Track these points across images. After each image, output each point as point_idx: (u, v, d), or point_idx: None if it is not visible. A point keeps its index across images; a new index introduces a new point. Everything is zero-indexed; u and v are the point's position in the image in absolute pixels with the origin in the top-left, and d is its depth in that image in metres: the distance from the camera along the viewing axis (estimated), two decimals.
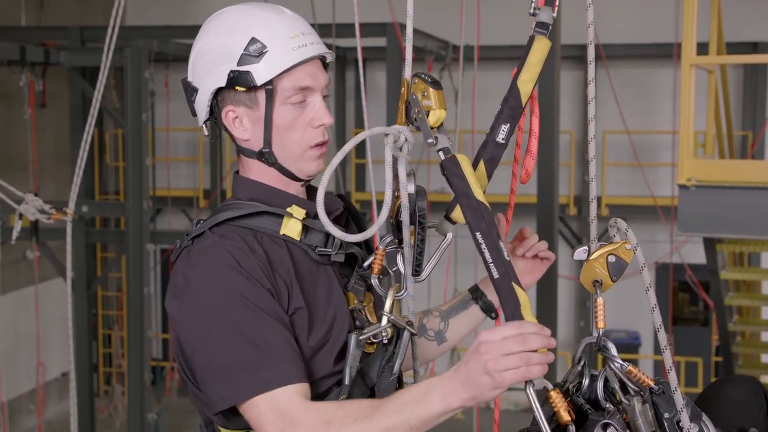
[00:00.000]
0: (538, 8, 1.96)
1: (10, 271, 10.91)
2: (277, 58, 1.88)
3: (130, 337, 8.61)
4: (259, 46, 1.88)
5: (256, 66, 1.87)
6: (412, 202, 1.89)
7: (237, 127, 1.94)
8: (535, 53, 1.95)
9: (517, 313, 1.72)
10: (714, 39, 6.18)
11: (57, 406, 12.01)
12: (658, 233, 12.15)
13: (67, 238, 5.90)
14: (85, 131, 5.84)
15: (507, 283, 1.74)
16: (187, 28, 12.19)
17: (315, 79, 1.93)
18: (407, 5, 1.98)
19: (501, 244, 1.78)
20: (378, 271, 1.95)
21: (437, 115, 1.88)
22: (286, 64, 1.88)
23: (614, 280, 1.94)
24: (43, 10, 11.84)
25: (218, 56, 1.90)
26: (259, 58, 1.87)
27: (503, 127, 1.92)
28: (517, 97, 1.93)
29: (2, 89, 10.98)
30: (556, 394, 1.74)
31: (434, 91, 1.87)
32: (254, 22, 1.91)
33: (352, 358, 1.87)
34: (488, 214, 1.82)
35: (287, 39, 1.90)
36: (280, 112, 1.90)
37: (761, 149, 11.78)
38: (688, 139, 5.39)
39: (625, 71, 12.30)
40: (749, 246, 6.75)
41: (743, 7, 11.02)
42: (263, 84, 1.88)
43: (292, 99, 1.90)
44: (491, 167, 1.95)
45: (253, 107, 1.91)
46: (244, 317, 1.78)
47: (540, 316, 7.33)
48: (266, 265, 1.84)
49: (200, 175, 13.12)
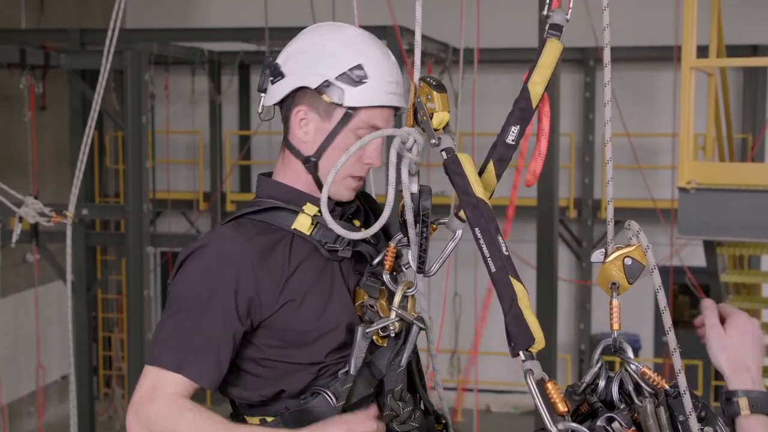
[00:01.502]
0: (552, 10, 1.98)
1: (10, 273, 10.90)
2: (371, 93, 2.01)
3: (130, 339, 8.61)
4: (362, 73, 2.00)
5: (350, 89, 1.99)
6: (416, 202, 1.95)
7: (301, 127, 2.05)
8: (546, 56, 1.99)
9: (514, 306, 1.76)
10: (714, 42, 6.18)
11: (57, 408, 12.00)
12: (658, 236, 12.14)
13: (67, 240, 5.90)
14: (85, 134, 5.84)
15: (504, 276, 1.78)
16: (187, 30, 12.22)
17: (386, 124, 2.05)
18: (416, 12, 2.01)
19: (500, 239, 1.82)
20: (389, 268, 2.03)
21: (440, 117, 1.93)
22: (375, 102, 2.01)
23: (631, 282, 1.94)
24: (43, 13, 11.85)
25: (322, 60, 2.01)
26: (357, 84, 2.00)
27: (513, 129, 1.98)
28: (527, 99, 1.98)
29: (2, 92, 10.98)
30: (552, 386, 1.76)
31: (438, 94, 1.92)
32: (367, 51, 2.04)
33: (358, 349, 1.97)
34: (487, 210, 1.86)
35: (385, 82, 2.03)
36: (346, 136, 2.02)
37: (761, 152, 11.78)
38: (688, 141, 5.39)
39: (625, 74, 12.30)
40: (749, 249, 6.75)
41: (743, 9, 11.03)
42: (348, 107, 2.00)
43: (360, 131, 2.02)
44: (500, 168, 2.01)
45: (325, 118, 2.03)
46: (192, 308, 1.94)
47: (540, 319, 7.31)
48: (255, 266, 1.95)
49: (200, 177, 13.12)
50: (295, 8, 9.14)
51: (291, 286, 1.97)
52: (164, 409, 1.88)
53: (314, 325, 1.98)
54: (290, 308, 1.97)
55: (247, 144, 13.22)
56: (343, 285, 2.03)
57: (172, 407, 1.88)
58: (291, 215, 2.03)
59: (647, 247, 1.91)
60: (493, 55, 11.47)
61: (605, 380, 1.93)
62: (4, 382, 9.98)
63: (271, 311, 1.97)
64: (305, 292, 1.98)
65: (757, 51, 11.44)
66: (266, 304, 1.97)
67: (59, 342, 11.01)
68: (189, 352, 1.92)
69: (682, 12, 5.49)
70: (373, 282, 2.05)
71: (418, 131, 1.96)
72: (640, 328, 12.65)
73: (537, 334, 1.76)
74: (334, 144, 2.02)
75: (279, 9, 9.61)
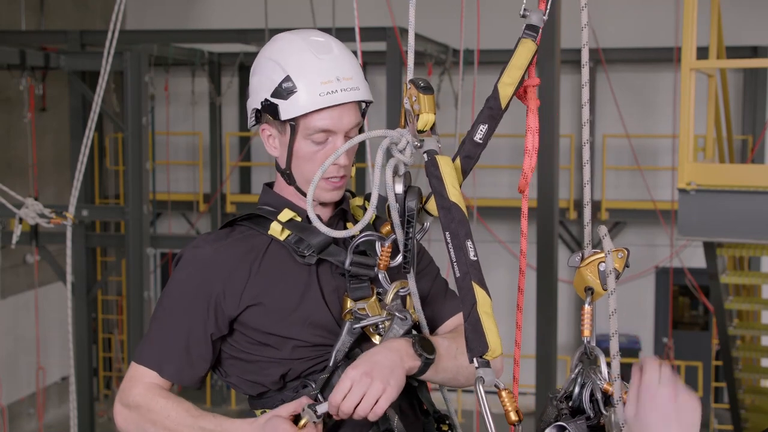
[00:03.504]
0: (528, 11, 1.95)
1: (10, 275, 10.90)
2: (302, 100, 2.05)
3: (130, 341, 8.61)
4: (290, 85, 2.06)
5: (283, 102, 2.06)
6: (401, 202, 1.95)
7: (269, 144, 2.17)
8: (518, 57, 1.96)
9: (473, 312, 1.76)
10: (714, 43, 6.18)
11: (57, 410, 12.00)
12: (658, 237, 12.16)
13: (67, 242, 5.90)
14: (85, 135, 5.84)
15: (467, 282, 1.79)
16: (187, 32, 12.21)
17: (338, 122, 2.07)
18: (409, 14, 1.99)
19: (468, 243, 1.82)
20: (384, 267, 2.07)
21: (425, 119, 1.90)
22: (308, 109, 2.05)
23: (605, 288, 1.90)
24: (43, 15, 11.85)
25: (261, 81, 2.12)
26: (288, 96, 2.06)
27: (482, 127, 1.96)
28: (497, 99, 1.96)
29: (2, 93, 10.98)
30: (507, 394, 1.76)
31: (423, 96, 1.90)
32: (294, 60, 2.07)
33: (341, 343, 2.04)
34: (459, 213, 1.86)
35: (318, 84, 2.05)
36: (301, 144, 2.09)
37: (761, 153, 11.78)
38: (688, 143, 5.39)
39: (625, 75, 12.31)
40: (749, 250, 6.75)
41: (743, 11, 11.03)
42: (286, 120, 2.07)
43: (314, 137, 2.07)
44: (467, 164, 1.98)
45: (282, 132, 2.12)
46: (172, 308, 2.13)
47: (540, 320, 7.33)
48: (223, 270, 2.10)
49: (200, 179, 13.12)
50: (295, 9, 9.15)
51: (256, 288, 2.08)
52: (141, 394, 2.09)
53: (281, 324, 2.07)
54: (256, 310, 2.08)
55: (247, 145, 13.23)
56: (317, 288, 2.10)
57: (147, 393, 2.09)
58: (268, 222, 2.15)
59: (608, 252, 1.87)
60: (493, 56, 11.40)
61: (580, 387, 1.91)
62: (4, 383, 9.98)
63: (237, 311, 2.09)
64: (273, 294, 2.08)
65: (757, 52, 11.45)
66: (232, 305, 2.09)
67: (59, 343, 11.01)
68: (166, 352, 2.11)
69: (682, 13, 5.50)
70: (357, 284, 2.09)
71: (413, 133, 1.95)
72: (640, 329, 12.64)
73: (492, 342, 1.76)
74: (295, 155, 2.11)
75: (279, 10, 9.61)
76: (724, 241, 6.15)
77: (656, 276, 12.73)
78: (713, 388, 11.98)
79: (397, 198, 1.95)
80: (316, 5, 7.23)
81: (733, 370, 7.74)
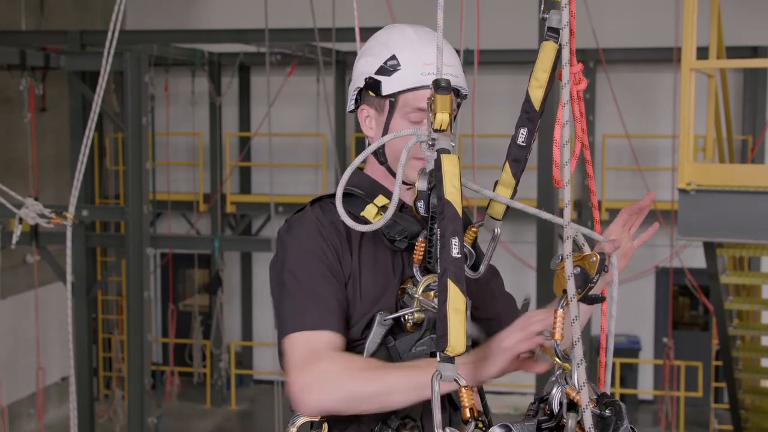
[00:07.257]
0: (547, 13, 2.00)
1: (10, 275, 10.91)
2: (405, 77, 2.17)
3: (130, 341, 8.61)
4: (395, 63, 2.18)
5: (387, 79, 2.18)
6: (426, 199, 2.01)
7: (366, 125, 2.27)
8: (541, 60, 2.07)
9: (443, 308, 1.80)
10: (714, 43, 6.18)
11: (57, 410, 12.01)
12: (658, 237, 12.15)
13: (67, 242, 5.91)
14: (85, 135, 5.84)
15: (443, 279, 1.82)
16: (187, 32, 12.22)
17: None
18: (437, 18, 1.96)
19: (453, 241, 1.84)
20: (418, 261, 2.14)
21: (439, 119, 1.93)
22: (410, 85, 2.16)
23: (579, 292, 1.89)
24: (43, 15, 11.86)
25: (367, 61, 2.23)
26: (392, 73, 2.18)
27: (522, 131, 2.11)
28: (529, 102, 2.11)
29: (2, 93, 10.98)
30: (465, 391, 1.79)
31: (438, 96, 1.93)
32: (401, 43, 2.21)
33: (374, 334, 2.11)
34: (451, 211, 1.87)
35: (420, 64, 2.17)
36: (398, 122, 2.19)
37: (761, 153, 11.79)
38: (688, 143, 5.39)
39: (625, 75, 12.31)
40: (749, 250, 6.75)
41: (743, 11, 11.04)
42: (387, 95, 2.18)
43: (411, 116, 2.18)
44: (516, 168, 2.14)
45: (379, 112, 2.22)
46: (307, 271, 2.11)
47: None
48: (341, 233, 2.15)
49: (200, 179, 13.12)
50: (295, 10, 9.15)
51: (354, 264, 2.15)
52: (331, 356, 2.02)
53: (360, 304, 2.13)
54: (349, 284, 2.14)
55: (247, 145, 13.23)
56: (392, 274, 2.18)
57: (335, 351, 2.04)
58: (363, 203, 2.21)
59: (568, 255, 1.85)
60: (493, 56, 11.47)
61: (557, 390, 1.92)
62: (4, 383, 9.98)
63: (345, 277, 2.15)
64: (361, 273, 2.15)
65: (757, 52, 11.46)
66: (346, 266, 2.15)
67: (59, 343, 11.01)
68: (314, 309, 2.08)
69: (682, 14, 5.50)
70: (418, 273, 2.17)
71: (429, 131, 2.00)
72: (640, 329, 12.65)
73: (454, 339, 1.78)
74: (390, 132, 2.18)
75: (279, 10, 9.60)
76: (724, 241, 6.15)
77: (656, 276, 12.73)
78: (713, 388, 11.99)
79: (421, 195, 2.00)
80: (316, 5, 7.22)
81: (733, 370, 7.74)
